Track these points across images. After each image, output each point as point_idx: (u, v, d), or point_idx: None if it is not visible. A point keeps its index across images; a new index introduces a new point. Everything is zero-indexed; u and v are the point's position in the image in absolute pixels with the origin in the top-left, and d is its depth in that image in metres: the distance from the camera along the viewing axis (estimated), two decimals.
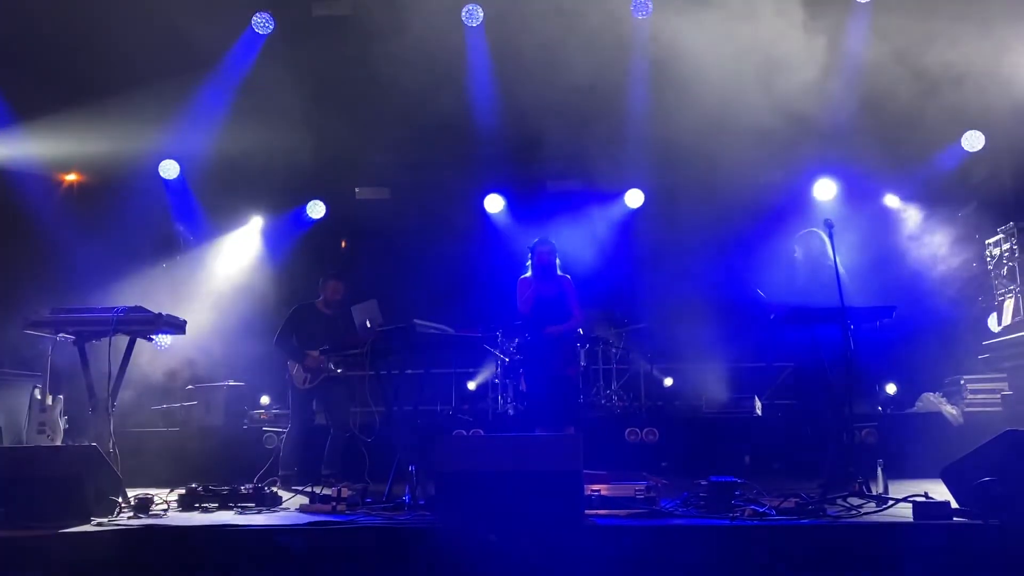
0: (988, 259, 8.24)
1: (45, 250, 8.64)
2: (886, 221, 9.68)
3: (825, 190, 9.73)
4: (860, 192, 9.57)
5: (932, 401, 8.11)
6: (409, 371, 6.32)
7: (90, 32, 8.07)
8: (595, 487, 5.15)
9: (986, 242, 8.30)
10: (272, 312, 8.73)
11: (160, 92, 8.67)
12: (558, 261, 6.89)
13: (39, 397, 7.36)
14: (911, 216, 9.65)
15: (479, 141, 9.64)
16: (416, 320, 5.71)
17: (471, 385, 9.41)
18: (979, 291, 8.72)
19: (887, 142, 8.87)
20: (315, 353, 6.85)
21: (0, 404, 7.52)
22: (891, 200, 9.80)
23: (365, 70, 8.80)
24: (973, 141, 9.39)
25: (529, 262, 6.90)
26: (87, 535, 4.56)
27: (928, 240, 9.36)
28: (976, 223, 8.91)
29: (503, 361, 8.45)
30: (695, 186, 9.18)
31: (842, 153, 9.15)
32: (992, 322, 8.12)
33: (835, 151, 9.13)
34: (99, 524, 4.77)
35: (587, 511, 4.85)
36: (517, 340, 7.99)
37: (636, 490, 5.14)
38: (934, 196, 9.50)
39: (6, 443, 7.24)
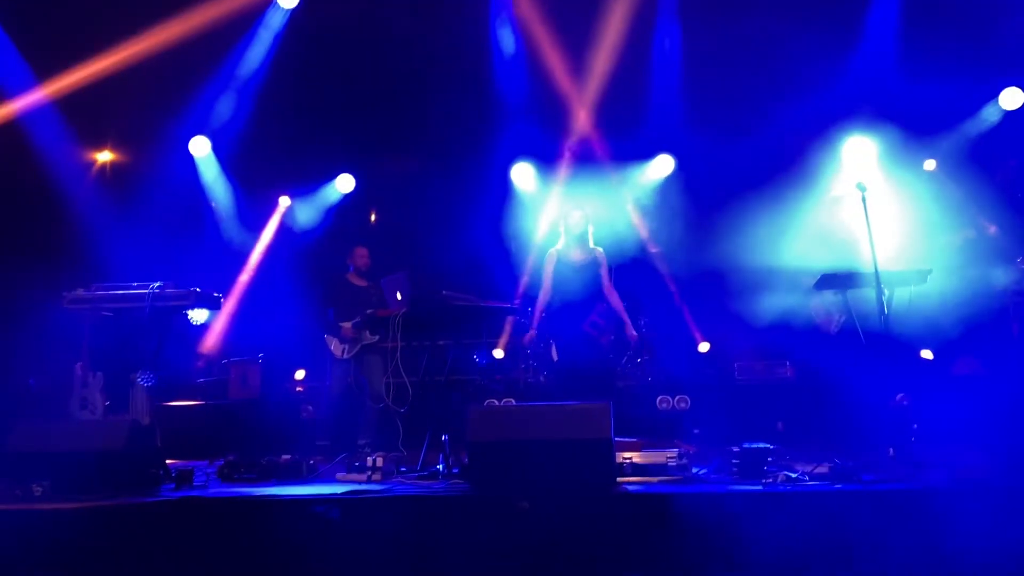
0: None
1: (81, 229, 8.77)
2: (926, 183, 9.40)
3: (860, 149, 9.39)
4: (898, 153, 9.28)
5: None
6: (440, 342, 6.36)
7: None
8: (627, 455, 5.17)
9: None
10: (305, 285, 8.79)
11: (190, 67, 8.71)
12: (591, 230, 6.76)
13: (80, 373, 7.51)
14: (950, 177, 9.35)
15: (507, 109, 9.54)
16: (446, 291, 5.73)
17: (498, 353, 9.34)
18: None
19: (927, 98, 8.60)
20: (348, 325, 6.93)
21: (43, 381, 7.71)
22: (930, 161, 9.47)
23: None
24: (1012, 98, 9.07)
25: (561, 232, 6.81)
26: (129, 507, 4.67)
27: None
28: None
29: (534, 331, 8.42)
30: (726, 149, 9.03)
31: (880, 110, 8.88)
32: None
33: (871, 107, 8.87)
34: (141, 496, 4.89)
35: (619, 479, 4.87)
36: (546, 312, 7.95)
37: (668, 457, 5.15)
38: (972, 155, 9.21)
39: (49, 418, 7.41)
